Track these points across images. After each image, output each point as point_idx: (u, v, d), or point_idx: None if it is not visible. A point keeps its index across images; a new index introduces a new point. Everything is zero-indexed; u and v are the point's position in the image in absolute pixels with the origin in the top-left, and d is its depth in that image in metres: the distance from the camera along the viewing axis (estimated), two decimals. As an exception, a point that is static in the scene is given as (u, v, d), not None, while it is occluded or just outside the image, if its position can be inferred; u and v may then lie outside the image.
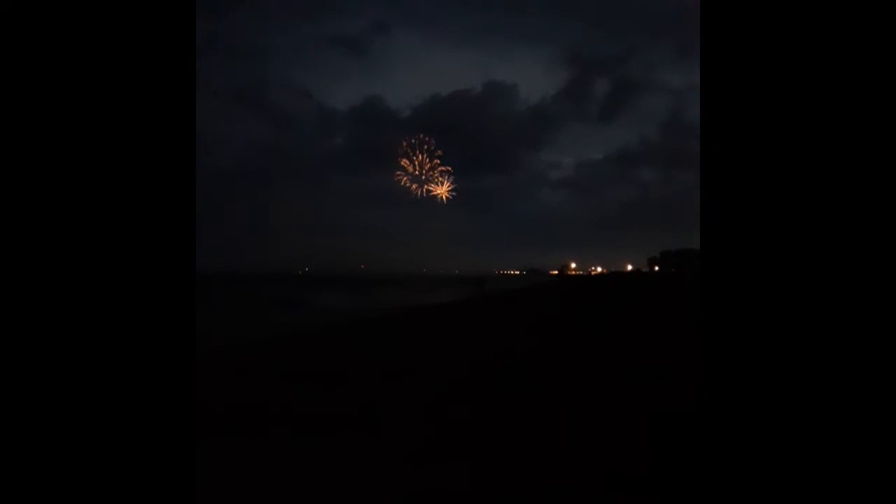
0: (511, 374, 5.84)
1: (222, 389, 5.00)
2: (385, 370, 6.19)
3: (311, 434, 3.73)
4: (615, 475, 2.93)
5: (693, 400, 4.28)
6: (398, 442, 3.54)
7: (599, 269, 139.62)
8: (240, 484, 2.91)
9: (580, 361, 6.65)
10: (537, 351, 7.76)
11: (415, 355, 7.63)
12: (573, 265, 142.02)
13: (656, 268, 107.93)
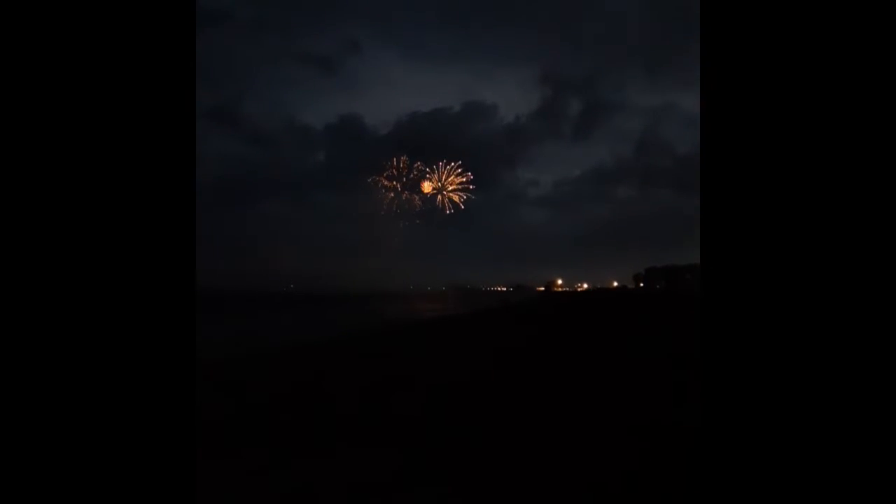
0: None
1: (200, 405, 4.82)
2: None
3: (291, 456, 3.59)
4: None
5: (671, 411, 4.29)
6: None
7: (585, 286, 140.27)
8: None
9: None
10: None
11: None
12: (559, 282, 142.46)
13: (641, 284, 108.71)
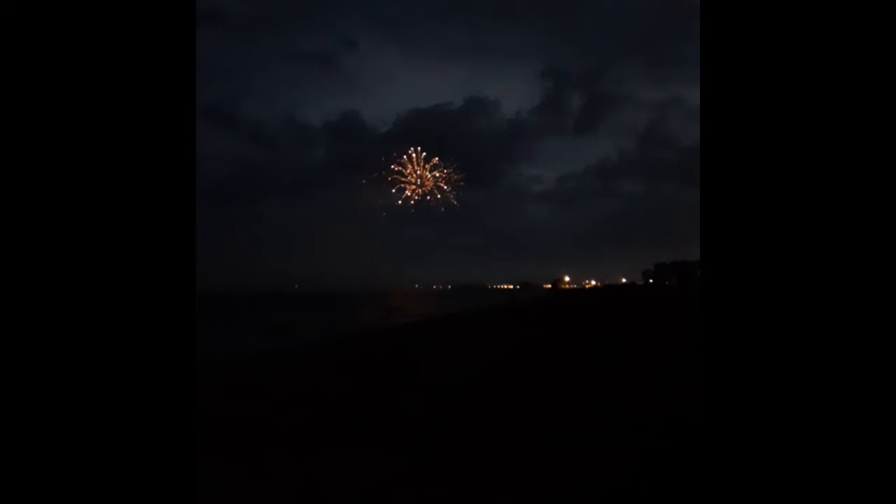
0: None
1: (202, 408, 4.79)
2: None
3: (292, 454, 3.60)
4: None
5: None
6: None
7: (593, 283, 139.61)
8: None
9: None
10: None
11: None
12: (567, 279, 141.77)
13: (650, 280, 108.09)
